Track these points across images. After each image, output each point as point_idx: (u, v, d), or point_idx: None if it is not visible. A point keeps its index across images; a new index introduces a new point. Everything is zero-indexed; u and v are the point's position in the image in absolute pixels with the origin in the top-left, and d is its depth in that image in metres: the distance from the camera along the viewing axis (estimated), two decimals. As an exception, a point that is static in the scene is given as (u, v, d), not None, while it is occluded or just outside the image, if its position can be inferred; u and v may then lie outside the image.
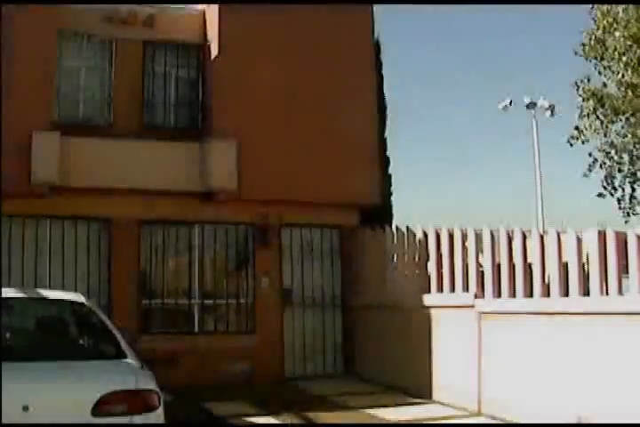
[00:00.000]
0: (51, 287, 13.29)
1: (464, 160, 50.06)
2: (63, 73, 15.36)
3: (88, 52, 15.77)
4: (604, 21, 17.91)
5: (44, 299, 8.80)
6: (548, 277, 11.17)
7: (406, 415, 11.89)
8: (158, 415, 6.85)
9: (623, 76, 17.83)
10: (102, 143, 14.79)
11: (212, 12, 15.78)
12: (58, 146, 14.13)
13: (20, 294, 8.74)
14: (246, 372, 15.03)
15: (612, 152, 18.76)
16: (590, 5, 18.35)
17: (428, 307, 13.50)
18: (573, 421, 10.01)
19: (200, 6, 16.31)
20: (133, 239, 15.10)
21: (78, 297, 8.77)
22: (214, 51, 15.63)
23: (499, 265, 12.09)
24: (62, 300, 8.72)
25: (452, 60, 52.16)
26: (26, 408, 6.34)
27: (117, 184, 14.57)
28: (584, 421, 9.86)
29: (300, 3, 15.39)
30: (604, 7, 17.91)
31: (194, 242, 15.69)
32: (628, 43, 17.32)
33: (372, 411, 12.17)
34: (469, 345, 12.29)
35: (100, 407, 6.55)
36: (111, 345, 7.64)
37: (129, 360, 7.35)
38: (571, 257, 10.70)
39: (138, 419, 6.64)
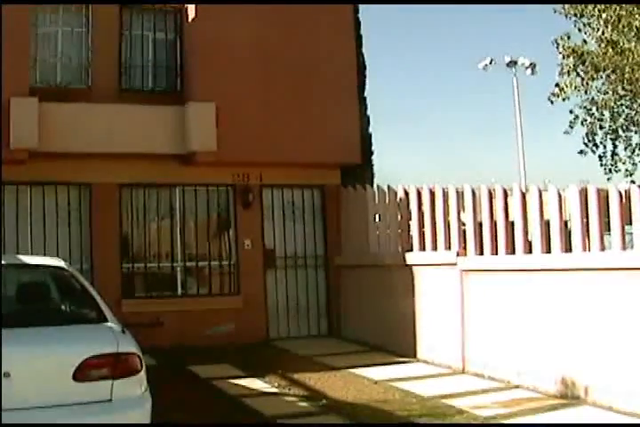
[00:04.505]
0: (32, 253, 13.25)
1: (447, 120, 50.04)
2: (40, 38, 15.21)
3: (64, 17, 15.56)
4: (583, -22, 17.80)
5: (24, 265, 8.72)
6: (531, 235, 11.18)
7: (390, 374, 11.92)
8: (140, 379, 6.82)
9: (603, 32, 17.73)
10: (81, 108, 14.63)
11: (189, -27, 15.59)
12: (36, 111, 13.93)
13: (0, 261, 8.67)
14: (230, 334, 15.05)
15: (593, 109, 18.72)
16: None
17: (411, 265, 13.52)
18: (555, 377, 10.09)
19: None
20: (114, 203, 15.04)
21: (58, 262, 8.70)
22: (191, 13, 15.48)
23: (480, 223, 12.09)
24: (42, 265, 8.65)
25: (428, 18, 51.95)
26: (7, 375, 6.30)
27: (96, 148, 14.44)
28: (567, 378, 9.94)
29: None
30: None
31: (175, 205, 15.65)
32: (608, -1, 17.22)
33: (357, 370, 12.23)
34: (452, 303, 12.33)
35: (81, 372, 6.52)
36: (92, 309, 7.57)
37: (110, 324, 7.31)
38: (552, 214, 10.69)
39: (119, 383, 6.61)
